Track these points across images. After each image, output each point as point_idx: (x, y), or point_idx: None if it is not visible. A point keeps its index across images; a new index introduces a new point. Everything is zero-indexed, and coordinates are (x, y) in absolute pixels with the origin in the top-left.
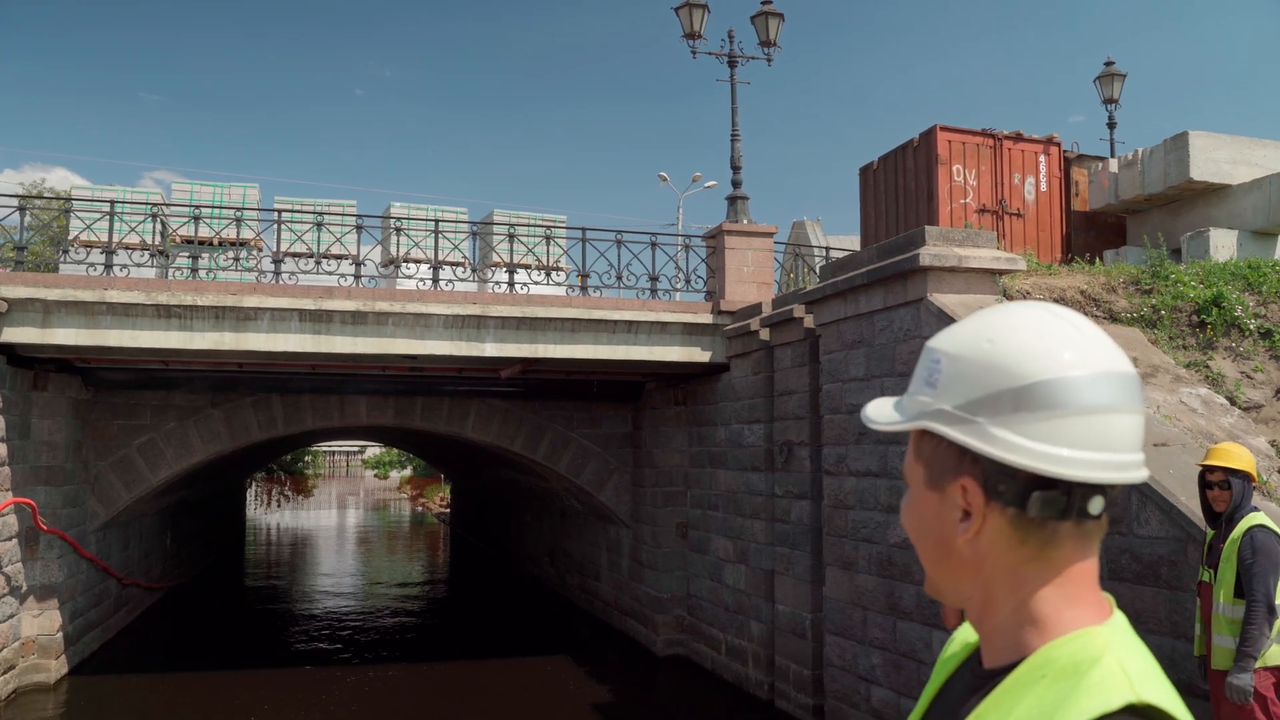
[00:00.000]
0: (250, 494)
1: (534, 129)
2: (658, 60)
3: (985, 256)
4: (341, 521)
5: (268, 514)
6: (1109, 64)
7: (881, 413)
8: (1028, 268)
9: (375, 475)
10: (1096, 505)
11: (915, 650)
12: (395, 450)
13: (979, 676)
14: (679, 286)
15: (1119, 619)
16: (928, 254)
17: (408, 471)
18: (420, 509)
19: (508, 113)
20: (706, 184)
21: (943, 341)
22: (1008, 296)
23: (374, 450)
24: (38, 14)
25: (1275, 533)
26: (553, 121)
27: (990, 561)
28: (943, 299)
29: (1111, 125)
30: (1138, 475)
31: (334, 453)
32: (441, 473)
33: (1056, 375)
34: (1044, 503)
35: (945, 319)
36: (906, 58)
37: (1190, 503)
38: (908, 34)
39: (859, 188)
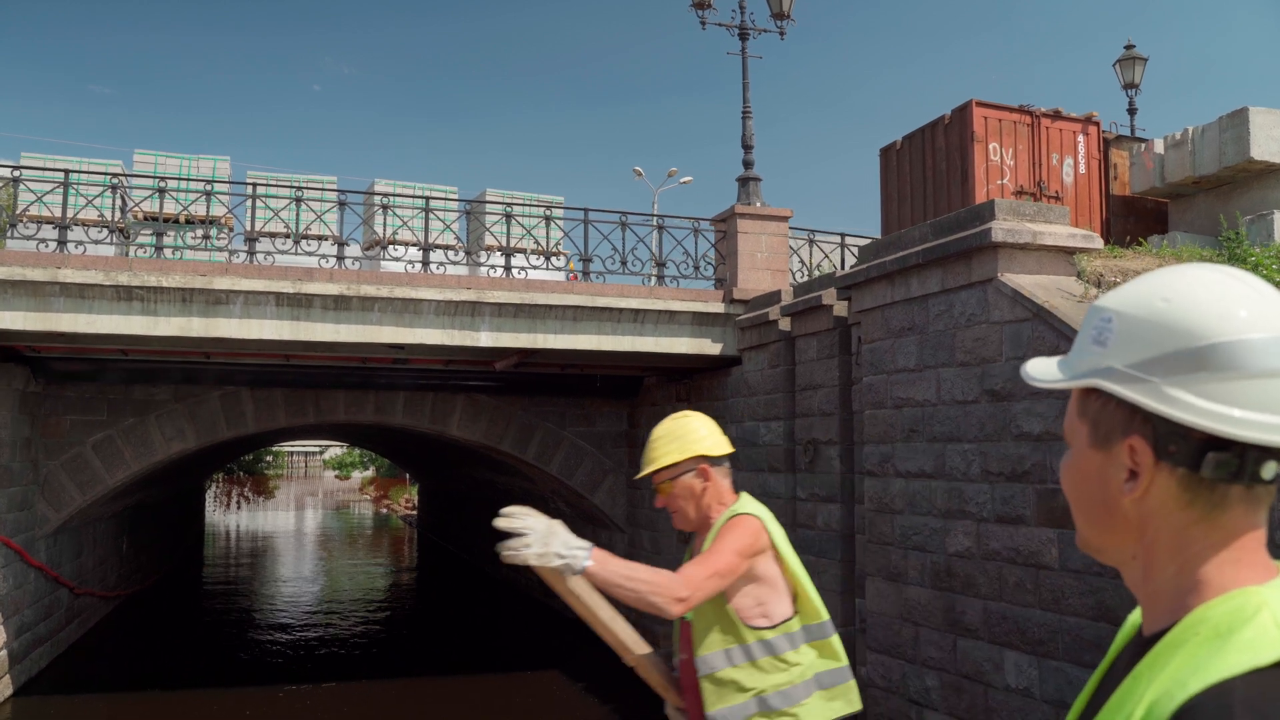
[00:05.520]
0: (209, 495)
1: (501, 129)
2: (630, 65)
3: (1061, 233)
4: (303, 524)
5: (226, 515)
6: (1129, 47)
7: (1044, 371)
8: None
9: (337, 476)
10: (1270, 470)
11: (982, 672)
12: (358, 451)
13: (1139, 644)
14: (687, 273)
15: None
16: (1000, 229)
17: (370, 472)
18: (385, 511)
19: (470, 113)
20: (682, 179)
21: (1113, 300)
22: (1083, 278)
23: (335, 450)
24: None
25: None
26: (521, 122)
27: (1155, 523)
28: (1016, 279)
29: (1132, 111)
30: None
31: (293, 453)
32: (408, 473)
33: (1237, 336)
34: (1218, 464)
35: (1022, 301)
36: (876, 60)
37: None
38: (877, 35)
39: (879, 169)
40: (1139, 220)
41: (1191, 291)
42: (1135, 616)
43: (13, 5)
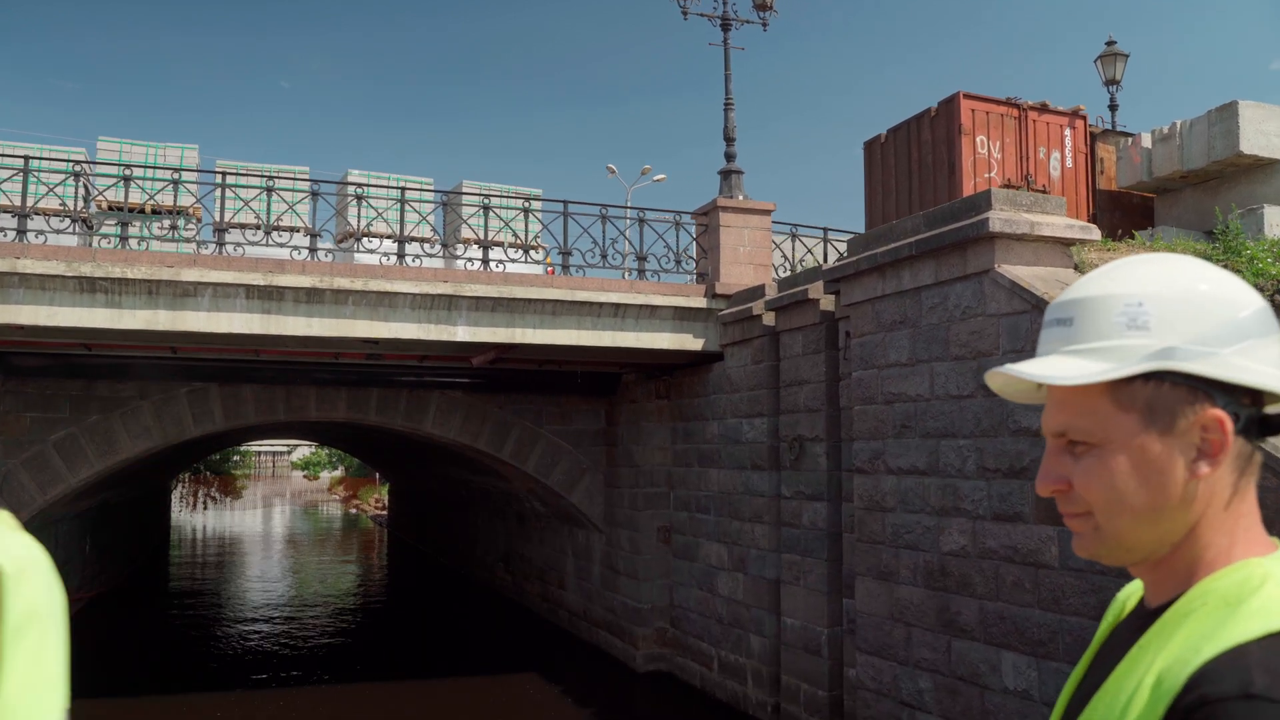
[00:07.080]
0: (175, 495)
1: (475, 129)
2: (609, 67)
3: (1059, 224)
4: (271, 525)
5: (193, 516)
6: (1110, 43)
7: (1070, 368)
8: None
9: (305, 476)
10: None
11: (978, 674)
12: (326, 450)
13: (1142, 617)
14: (668, 267)
15: None
16: (998, 219)
17: (339, 472)
18: (354, 511)
19: (444, 112)
20: (655, 177)
21: (1132, 286)
22: (1080, 270)
23: (304, 450)
24: None
25: None
26: (496, 122)
27: (1210, 498)
28: (1014, 271)
29: (1114, 107)
30: None
31: (261, 453)
32: (378, 472)
33: (1263, 303)
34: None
35: (1020, 293)
36: (858, 60)
37: None
38: (860, 34)
39: (864, 163)
40: (1125, 214)
41: (1211, 269)
42: (1123, 595)
43: None
